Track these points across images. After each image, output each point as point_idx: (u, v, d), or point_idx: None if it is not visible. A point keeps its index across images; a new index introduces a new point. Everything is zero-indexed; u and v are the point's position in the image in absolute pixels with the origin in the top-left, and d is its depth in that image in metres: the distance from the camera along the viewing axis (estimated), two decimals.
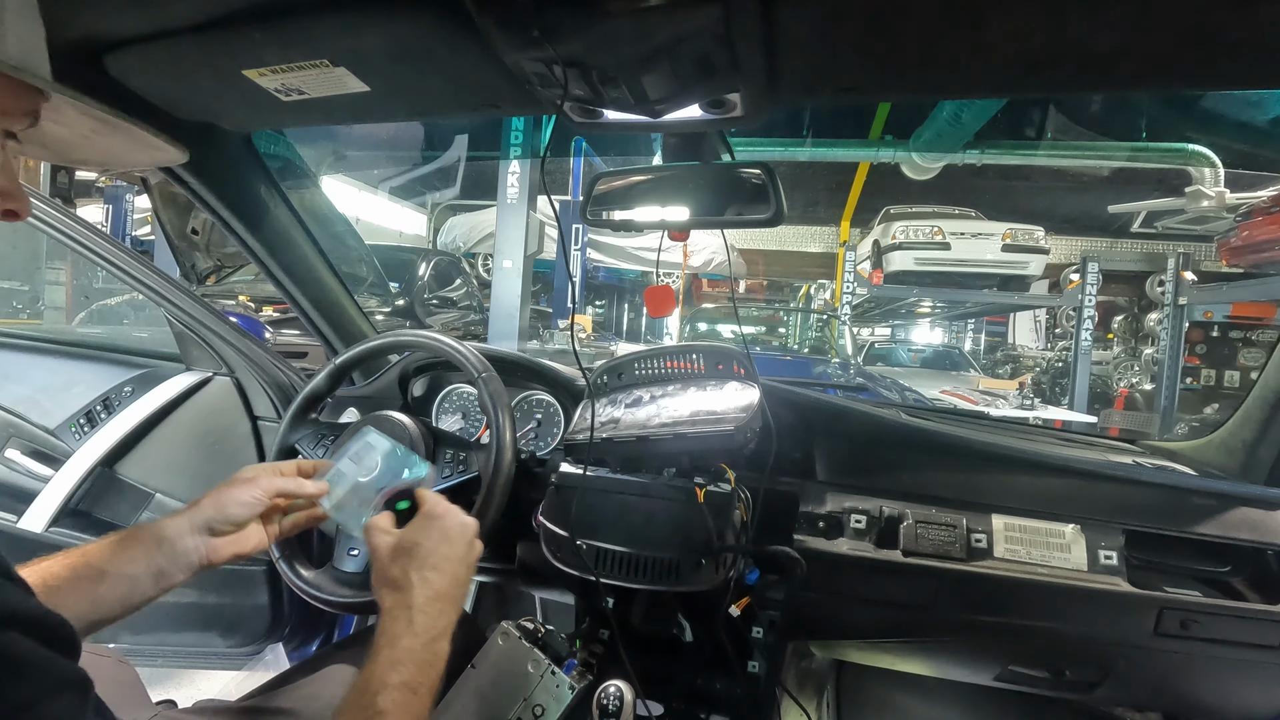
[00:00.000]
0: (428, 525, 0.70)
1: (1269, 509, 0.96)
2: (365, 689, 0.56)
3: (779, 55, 0.61)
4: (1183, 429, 6.01)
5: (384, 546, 0.69)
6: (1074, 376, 7.08)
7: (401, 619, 0.62)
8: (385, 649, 0.59)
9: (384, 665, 0.58)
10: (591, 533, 0.93)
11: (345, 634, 1.52)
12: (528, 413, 1.22)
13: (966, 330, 14.26)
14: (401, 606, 0.63)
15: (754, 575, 0.99)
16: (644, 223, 0.88)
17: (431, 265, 6.13)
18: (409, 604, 0.63)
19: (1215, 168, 6.82)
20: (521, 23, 0.55)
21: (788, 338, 8.48)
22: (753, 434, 0.95)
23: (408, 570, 0.66)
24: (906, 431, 1.15)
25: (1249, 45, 0.56)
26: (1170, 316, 6.42)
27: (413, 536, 0.69)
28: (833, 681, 1.32)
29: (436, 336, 1.04)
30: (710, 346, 1.10)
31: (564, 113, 0.72)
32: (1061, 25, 0.55)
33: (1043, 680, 1.03)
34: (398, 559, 0.67)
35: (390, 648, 0.59)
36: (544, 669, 0.91)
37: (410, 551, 0.67)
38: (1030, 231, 7.80)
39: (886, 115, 8.34)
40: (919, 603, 0.98)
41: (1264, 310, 6.54)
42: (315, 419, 1.07)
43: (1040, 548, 0.96)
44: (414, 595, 0.64)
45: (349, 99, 0.79)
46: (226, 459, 1.40)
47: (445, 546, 0.69)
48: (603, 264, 8.76)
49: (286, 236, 1.23)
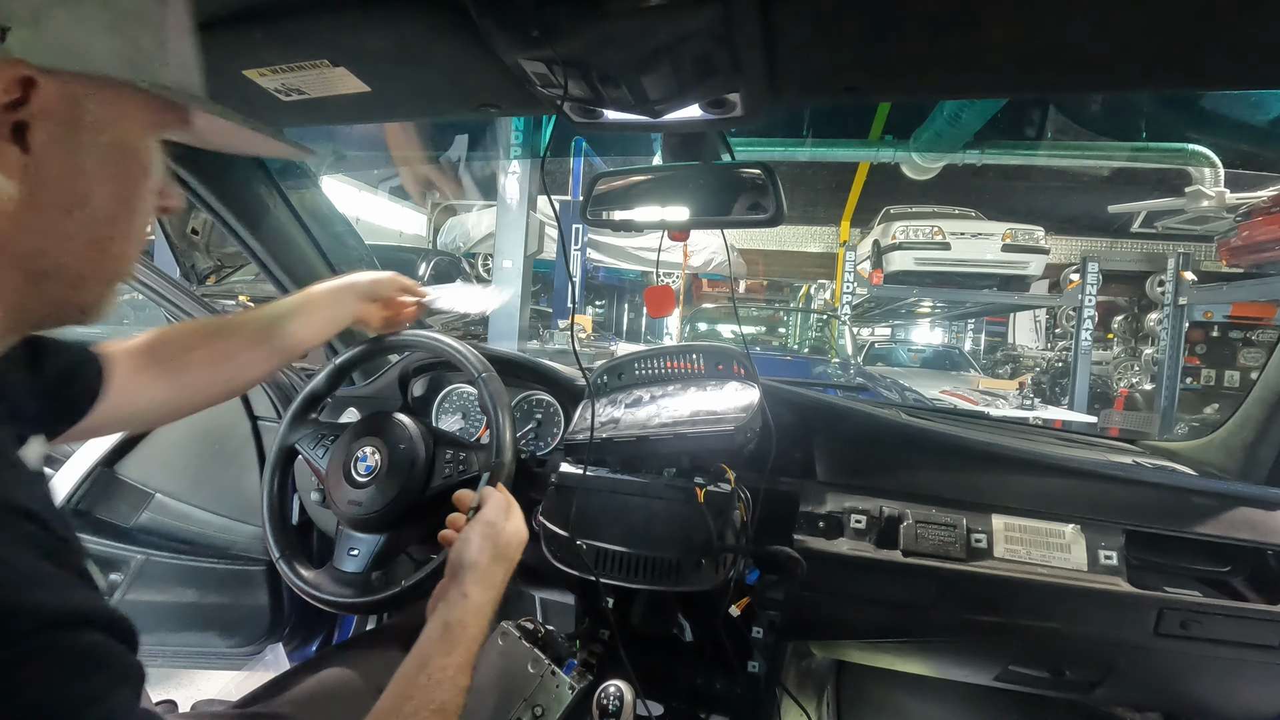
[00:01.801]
0: (483, 535, 0.72)
1: (1269, 509, 0.96)
2: (399, 710, 0.57)
3: (779, 55, 0.61)
4: (1183, 429, 6.01)
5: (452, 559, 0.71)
6: (1074, 376, 7.08)
7: (444, 635, 0.64)
8: (422, 667, 0.60)
9: (421, 685, 0.59)
10: (591, 533, 0.93)
11: (345, 634, 1.52)
12: (528, 413, 1.22)
13: (966, 330, 14.25)
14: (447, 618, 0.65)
15: (754, 575, 0.99)
16: (644, 223, 0.88)
17: (431, 265, 6.14)
18: (450, 620, 0.65)
19: (1215, 168, 6.81)
20: (521, 23, 0.55)
21: (788, 338, 8.49)
22: (753, 434, 0.95)
23: (462, 581, 0.68)
24: (906, 431, 1.15)
25: (1249, 45, 0.56)
26: (1170, 316, 6.41)
27: (466, 553, 0.70)
28: (833, 681, 1.32)
29: (436, 336, 1.04)
30: (710, 346, 1.10)
31: (564, 113, 0.72)
32: (1061, 25, 0.55)
33: (1043, 680, 1.03)
34: (452, 574, 0.70)
35: (425, 666, 0.61)
36: (544, 669, 0.91)
37: (462, 565, 0.69)
38: (1030, 231, 7.80)
39: (886, 115, 8.34)
40: (919, 603, 0.98)
41: (1264, 310, 6.54)
42: (315, 419, 1.07)
43: (1040, 548, 0.96)
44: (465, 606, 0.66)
45: (349, 99, 0.79)
46: (227, 459, 1.40)
47: (499, 565, 0.71)
48: (603, 264, 8.75)
49: (286, 236, 1.23)
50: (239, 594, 1.38)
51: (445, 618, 0.65)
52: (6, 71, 0.35)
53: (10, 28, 0.35)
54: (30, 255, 0.39)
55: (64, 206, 0.40)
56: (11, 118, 0.36)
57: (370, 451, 0.96)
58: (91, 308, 0.44)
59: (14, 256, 0.39)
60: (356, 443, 0.97)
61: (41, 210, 0.39)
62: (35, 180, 0.38)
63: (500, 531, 0.74)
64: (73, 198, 0.40)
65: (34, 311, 0.42)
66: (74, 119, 0.39)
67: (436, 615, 0.66)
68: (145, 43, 0.41)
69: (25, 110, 0.37)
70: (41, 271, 0.40)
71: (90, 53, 0.38)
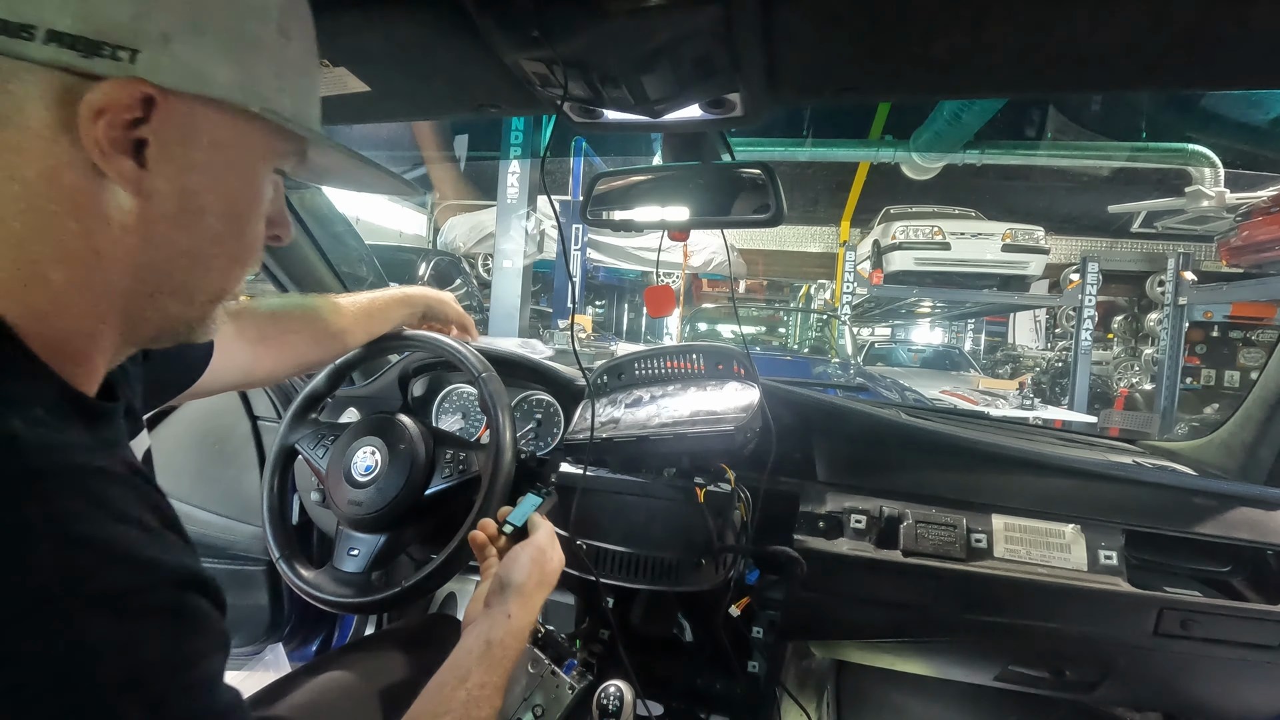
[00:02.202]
0: (533, 559, 0.74)
1: (1269, 509, 0.96)
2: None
3: (779, 55, 0.61)
4: (1183, 429, 6.00)
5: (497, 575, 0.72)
6: (1074, 376, 7.08)
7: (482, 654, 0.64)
8: (463, 681, 0.61)
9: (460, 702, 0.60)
10: (591, 533, 0.93)
11: (345, 634, 1.52)
12: (528, 413, 1.22)
13: (966, 330, 14.26)
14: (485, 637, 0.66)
15: (754, 575, 0.99)
16: (644, 223, 0.88)
17: (431, 265, 6.14)
18: (490, 638, 0.66)
19: (1215, 168, 6.82)
20: (521, 23, 0.55)
21: (788, 338, 8.48)
22: (753, 434, 0.95)
23: (506, 601, 0.69)
24: (906, 431, 1.15)
25: (1249, 45, 0.56)
26: (1170, 316, 6.41)
27: (514, 574, 0.71)
28: (833, 681, 1.32)
29: (436, 337, 1.04)
30: (710, 346, 1.10)
31: (564, 113, 0.72)
32: (1061, 25, 0.55)
33: (1043, 680, 1.03)
34: (497, 590, 0.71)
35: (465, 681, 0.61)
36: (544, 669, 0.91)
37: (510, 585, 0.70)
38: (1030, 231, 7.80)
39: (886, 115, 8.35)
40: (919, 602, 0.98)
41: (1264, 310, 6.54)
42: (315, 419, 1.07)
43: (1040, 548, 0.96)
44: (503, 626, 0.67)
45: (349, 99, 0.79)
46: (226, 459, 1.40)
47: (541, 592, 0.72)
48: (603, 264, 8.76)
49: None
50: (239, 594, 1.38)
51: (488, 635, 0.65)
52: (132, 89, 0.37)
53: (140, 49, 0.37)
54: (143, 268, 0.41)
55: (176, 222, 0.42)
56: (132, 134, 0.38)
57: (370, 451, 0.96)
58: (198, 324, 0.47)
59: (128, 268, 0.41)
60: (356, 443, 0.97)
61: (155, 225, 0.41)
62: (150, 195, 0.40)
63: (549, 560, 0.75)
64: (185, 214, 0.42)
65: (146, 326, 0.44)
66: (190, 139, 0.41)
67: (477, 631, 0.66)
68: (264, 73, 0.43)
69: (145, 127, 0.38)
70: (154, 285, 0.42)
71: (211, 77, 0.40)
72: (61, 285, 0.38)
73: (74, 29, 0.35)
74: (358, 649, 0.93)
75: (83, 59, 0.36)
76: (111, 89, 0.36)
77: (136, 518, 0.35)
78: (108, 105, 0.37)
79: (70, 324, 0.40)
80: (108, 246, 0.39)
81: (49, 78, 0.36)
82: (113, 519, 0.34)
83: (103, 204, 0.39)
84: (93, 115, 0.36)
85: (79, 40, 0.35)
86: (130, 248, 0.40)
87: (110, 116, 0.37)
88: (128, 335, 0.44)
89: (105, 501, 0.34)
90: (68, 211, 0.38)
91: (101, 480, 0.35)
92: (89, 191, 0.38)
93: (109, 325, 0.42)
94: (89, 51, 0.36)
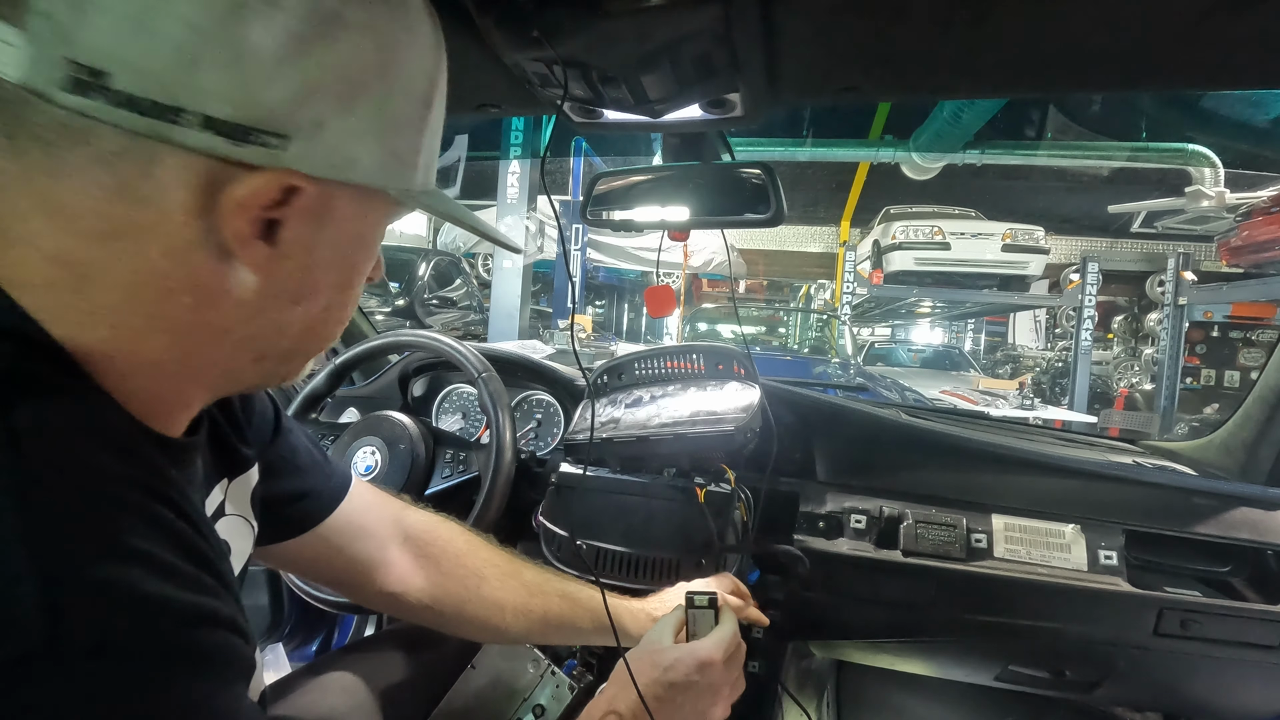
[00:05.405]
0: (709, 689, 0.63)
1: (1269, 509, 0.96)
2: None
3: (779, 55, 0.61)
4: (1183, 429, 6.00)
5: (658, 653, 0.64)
6: (1074, 376, 7.08)
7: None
8: None
9: None
10: (591, 533, 0.93)
11: (345, 634, 1.52)
12: (528, 413, 1.22)
13: (966, 330, 14.26)
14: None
15: (754, 575, 0.99)
16: (644, 223, 0.88)
17: (431, 265, 6.14)
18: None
19: (1215, 168, 6.81)
20: (521, 23, 0.55)
21: (788, 338, 8.48)
22: (753, 434, 0.95)
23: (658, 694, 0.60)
24: (906, 431, 1.15)
25: (1249, 45, 0.56)
26: (1170, 316, 6.41)
27: (689, 674, 0.62)
28: (833, 681, 1.32)
29: (436, 336, 1.04)
30: (710, 346, 1.10)
31: (564, 113, 0.72)
32: (1061, 25, 0.55)
33: (1043, 680, 1.03)
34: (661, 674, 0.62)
35: None
36: (544, 669, 0.91)
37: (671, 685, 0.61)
38: (1030, 231, 7.81)
39: (886, 115, 8.34)
40: (919, 602, 0.98)
41: (1264, 310, 6.53)
42: (315, 419, 1.07)
43: (1040, 548, 0.96)
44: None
45: None
46: None
47: (707, 699, 0.63)
48: (603, 264, 8.76)
49: None
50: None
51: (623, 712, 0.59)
52: (279, 179, 0.35)
53: (292, 137, 0.35)
54: (252, 338, 0.41)
55: (295, 297, 0.41)
56: (267, 215, 0.37)
57: (370, 451, 0.96)
58: (293, 375, 0.47)
59: (237, 339, 0.40)
60: (357, 443, 0.97)
61: (273, 299, 0.40)
62: (273, 273, 0.39)
63: (718, 691, 0.64)
64: (303, 290, 0.41)
65: (240, 385, 0.45)
66: (323, 219, 0.39)
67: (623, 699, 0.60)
68: (405, 149, 0.41)
69: (281, 210, 0.37)
70: (259, 352, 0.42)
71: (356, 162, 0.38)
72: (159, 351, 0.37)
73: (232, 117, 0.33)
74: (358, 649, 0.92)
75: (233, 146, 0.34)
76: (260, 181, 0.35)
77: (145, 551, 0.33)
78: (253, 197, 0.35)
79: (156, 386, 0.38)
80: (218, 319, 0.38)
81: (194, 163, 0.34)
82: (114, 556, 0.31)
83: (225, 282, 0.37)
84: (235, 205, 0.35)
85: (235, 128, 0.33)
86: (242, 319, 0.39)
87: (253, 206, 0.36)
88: (218, 391, 0.44)
89: (106, 535, 0.32)
90: (185, 288, 0.36)
91: (113, 509, 0.32)
92: (214, 270, 0.36)
93: (200, 386, 0.42)
94: (240, 138, 0.34)
